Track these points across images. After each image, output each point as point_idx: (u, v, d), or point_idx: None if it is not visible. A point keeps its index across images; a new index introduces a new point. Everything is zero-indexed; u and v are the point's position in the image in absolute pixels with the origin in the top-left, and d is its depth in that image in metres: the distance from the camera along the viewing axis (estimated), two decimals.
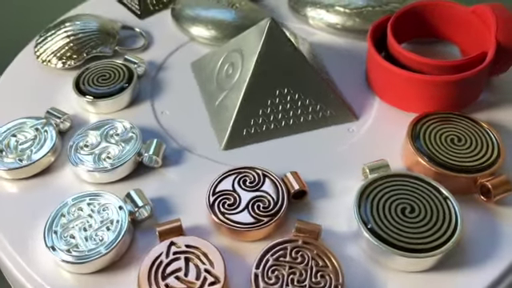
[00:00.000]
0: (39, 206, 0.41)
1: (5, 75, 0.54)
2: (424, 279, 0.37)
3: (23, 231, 0.40)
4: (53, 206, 0.40)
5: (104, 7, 0.61)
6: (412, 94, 0.47)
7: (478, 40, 0.48)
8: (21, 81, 0.53)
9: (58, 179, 0.44)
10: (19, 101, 0.51)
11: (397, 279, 0.36)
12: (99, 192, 0.40)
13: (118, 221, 0.38)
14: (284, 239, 0.36)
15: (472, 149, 0.41)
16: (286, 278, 0.34)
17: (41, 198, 0.42)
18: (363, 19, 0.55)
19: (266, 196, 0.39)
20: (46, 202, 0.41)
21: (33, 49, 0.54)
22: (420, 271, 0.37)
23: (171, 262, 0.36)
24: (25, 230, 0.40)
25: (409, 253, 0.35)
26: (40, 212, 0.41)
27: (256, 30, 0.46)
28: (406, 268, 0.37)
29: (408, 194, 0.38)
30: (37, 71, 0.53)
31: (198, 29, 0.55)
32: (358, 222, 0.37)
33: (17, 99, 0.51)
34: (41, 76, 0.53)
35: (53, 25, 0.56)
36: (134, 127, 0.45)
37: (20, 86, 0.52)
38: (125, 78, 0.49)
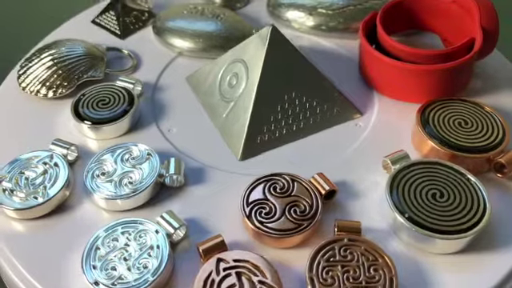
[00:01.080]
0: (65, 244, 0.40)
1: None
2: (457, 260, 0.38)
3: (54, 272, 0.38)
4: (79, 241, 0.39)
5: (79, 31, 0.59)
6: (410, 85, 0.49)
7: (461, 28, 0.51)
8: (9, 115, 0.50)
9: (78, 212, 0.42)
10: (13, 136, 0.48)
11: (437, 262, 0.38)
12: (132, 219, 0.39)
13: (157, 246, 0.37)
14: (330, 239, 0.37)
15: (479, 130, 0.44)
16: (342, 277, 0.35)
17: (64, 234, 0.40)
18: (346, 18, 0.57)
19: (300, 200, 0.40)
20: (71, 238, 0.40)
21: (16, 80, 0.52)
22: (452, 253, 0.39)
23: (223, 279, 0.35)
24: (56, 270, 0.38)
25: (449, 235, 0.37)
26: (67, 249, 0.39)
27: (257, 38, 0.47)
28: (443, 250, 0.38)
29: (434, 180, 0.40)
30: (25, 103, 0.51)
31: (185, 42, 0.55)
32: (396, 213, 0.38)
33: (10, 135, 0.48)
34: (30, 107, 0.50)
35: (32, 53, 0.53)
36: (149, 148, 0.44)
37: (10, 120, 0.49)
38: (125, 100, 0.48)
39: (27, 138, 0.47)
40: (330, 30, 0.57)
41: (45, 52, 0.52)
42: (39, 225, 0.41)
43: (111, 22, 0.59)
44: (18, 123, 0.49)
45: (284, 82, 0.46)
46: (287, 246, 0.39)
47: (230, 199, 0.42)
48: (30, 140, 0.47)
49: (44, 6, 0.87)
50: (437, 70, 0.47)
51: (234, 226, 0.40)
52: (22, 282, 0.38)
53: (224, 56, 0.50)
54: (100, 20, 0.59)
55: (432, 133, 0.44)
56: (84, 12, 0.62)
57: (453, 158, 0.43)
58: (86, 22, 0.60)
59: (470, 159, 0.42)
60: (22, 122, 0.49)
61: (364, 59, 0.51)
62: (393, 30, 0.54)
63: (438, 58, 0.48)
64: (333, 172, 0.43)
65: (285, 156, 0.46)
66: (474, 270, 0.38)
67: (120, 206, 0.41)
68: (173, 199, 0.43)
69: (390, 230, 0.40)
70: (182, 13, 0.57)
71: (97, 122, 0.46)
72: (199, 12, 0.57)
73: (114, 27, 0.58)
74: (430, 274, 0.37)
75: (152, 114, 0.49)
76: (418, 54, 0.48)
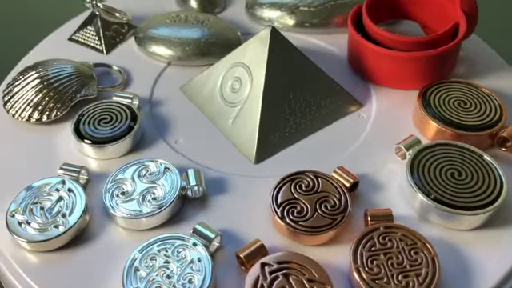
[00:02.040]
0: (96, 270, 0.38)
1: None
2: (482, 235, 0.40)
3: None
4: (110, 265, 0.38)
5: (57, 50, 0.56)
6: (403, 72, 0.50)
7: (442, 15, 0.53)
8: (3, 145, 0.47)
9: (101, 237, 0.40)
10: (13, 166, 0.45)
11: (465, 238, 0.40)
12: (166, 235, 0.38)
13: (198, 259, 0.36)
14: (367, 230, 0.38)
15: (478, 109, 0.46)
16: (386, 264, 0.36)
17: (92, 261, 0.39)
18: (328, 14, 0.58)
19: (328, 195, 0.40)
20: (100, 264, 0.38)
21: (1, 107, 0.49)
22: (474, 228, 0.40)
23: (272, 282, 0.35)
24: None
25: (474, 211, 0.39)
26: (99, 276, 0.38)
27: (257, 40, 0.47)
28: (468, 226, 0.40)
29: (450, 160, 0.42)
30: (17, 130, 0.48)
31: (174, 51, 0.54)
32: (422, 196, 0.40)
33: (9, 165, 0.45)
34: (25, 134, 0.48)
35: (14, 77, 0.51)
36: (165, 162, 0.43)
37: (5, 150, 0.47)
38: (127, 116, 0.46)
39: (29, 166, 0.45)
40: (313, 27, 0.58)
41: (30, 74, 0.50)
42: (63, 255, 0.39)
43: (91, 38, 0.57)
44: (15, 152, 0.46)
45: (288, 80, 0.47)
46: (322, 242, 0.39)
47: (254, 203, 0.42)
48: (32, 168, 0.45)
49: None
50: (428, 56, 0.49)
51: (263, 228, 0.40)
52: None
53: (221, 62, 0.49)
54: (78, 37, 0.57)
55: (435, 115, 0.46)
56: (56, 32, 0.59)
57: (457, 137, 0.45)
58: (62, 41, 0.58)
59: (473, 137, 0.44)
60: (19, 151, 0.47)
61: (355, 50, 0.52)
62: (377, 20, 0.56)
63: (425, 45, 0.50)
64: (348, 164, 0.43)
65: (297, 154, 0.46)
66: (500, 242, 0.40)
67: (145, 224, 0.40)
68: (196, 210, 0.42)
69: (415, 213, 0.41)
70: (165, 21, 0.56)
71: (102, 142, 0.45)
72: (182, 20, 0.56)
73: (94, 43, 0.56)
74: (461, 250, 0.39)
75: (154, 128, 0.48)
76: (407, 41, 0.50)
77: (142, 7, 0.61)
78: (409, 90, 0.50)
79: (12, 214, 0.40)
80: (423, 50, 0.49)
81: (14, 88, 0.49)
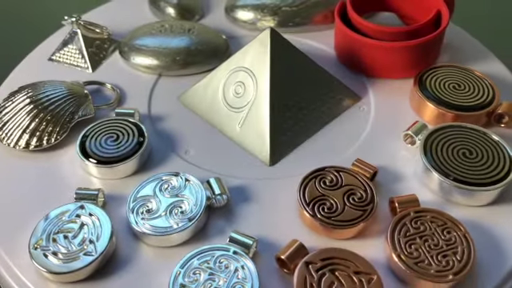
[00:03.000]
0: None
1: None
2: (492, 210, 0.42)
3: None
4: (149, 285, 0.37)
5: (39, 71, 0.54)
6: (394, 62, 0.52)
7: (423, 5, 0.55)
8: (6, 175, 0.45)
9: (132, 258, 0.39)
10: (21, 197, 0.43)
11: (482, 213, 0.42)
12: (204, 248, 0.37)
13: (242, 266, 0.36)
14: (399, 217, 0.39)
15: (472, 90, 0.48)
16: (424, 247, 0.37)
17: (130, 285, 0.37)
18: (309, 11, 0.59)
19: (354, 188, 0.41)
20: (138, 286, 0.37)
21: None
22: (484, 205, 0.42)
23: (320, 280, 0.35)
24: None
25: (491, 186, 0.41)
26: None
27: (257, 43, 0.47)
28: (486, 201, 0.42)
29: (459, 140, 0.44)
30: (13, 159, 0.46)
31: (165, 62, 0.53)
32: (442, 178, 0.41)
33: (17, 197, 0.43)
34: (22, 162, 0.45)
35: (0, 104, 0.48)
36: (185, 174, 0.42)
37: (10, 181, 0.44)
38: (134, 132, 0.45)
39: (37, 195, 0.43)
40: (296, 26, 0.59)
41: (19, 99, 0.47)
42: (96, 284, 0.37)
43: (73, 57, 0.54)
44: (18, 183, 0.44)
45: (291, 79, 0.47)
46: (355, 235, 0.40)
47: (276, 204, 0.42)
48: (41, 197, 0.43)
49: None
50: (418, 44, 0.50)
51: (291, 228, 0.40)
52: None
53: (219, 69, 0.49)
54: (59, 57, 0.55)
55: (433, 98, 0.48)
56: (33, 53, 0.57)
57: (456, 118, 0.47)
58: (41, 61, 0.55)
59: (471, 117, 0.47)
60: (22, 181, 0.44)
61: (345, 44, 0.53)
62: (360, 13, 0.57)
63: (410, 34, 0.52)
64: (360, 156, 0.44)
65: (309, 151, 0.47)
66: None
67: (176, 239, 0.39)
68: (222, 219, 0.41)
69: (434, 195, 0.42)
70: (151, 32, 0.55)
71: (112, 161, 0.43)
72: (168, 29, 0.55)
73: (77, 61, 0.54)
74: (483, 224, 0.41)
75: (160, 142, 0.47)
76: (394, 32, 0.51)
77: (118, 21, 0.59)
78: (401, 79, 0.52)
79: (35, 246, 0.38)
80: (408, 39, 0.51)
81: (3, 116, 0.47)
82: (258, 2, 0.59)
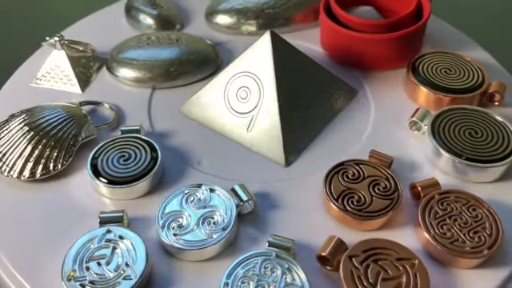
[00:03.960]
0: None
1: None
2: (498, 187, 0.44)
3: None
4: None
5: (25, 96, 0.51)
6: (382, 53, 0.53)
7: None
8: (20, 210, 0.42)
9: (170, 277, 0.38)
10: (35, 229, 0.41)
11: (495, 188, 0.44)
12: (245, 256, 0.37)
13: (288, 269, 0.36)
14: (425, 201, 0.40)
15: (463, 74, 0.51)
16: (455, 226, 0.39)
17: None
18: (291, 12, 0.59)
19: (377, 179, 0.42)
20: None
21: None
22: (492, 181, 0.44)
23: (366, 271, 0.36)
24: None
25: (499, 162, 0.43)
26: None
27: (258, 46, 0.47)
28: (493, 178, 0.44)
29: (463, 122, 0.46)
30: (19, 190, 0.43)
31: (157, 74, 0.52)
32: (454, 158, 0.43)
33: (31, 229, 0.41)
34: (29, 192, 0.43)
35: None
36: (208, 184, 0.41)
37: (25, 215, 0.42)
38: (146, 148, 0.44)
39: (54, 226, 0.41)
40: (279, 27, 0.59)
41: (15, 126, 0.45)
42: None
43: (60, 78, 0.52)
44: (31, 216, 0.42)
45: (295, 79, 0.47)
46: (383, 224, 0.41)
47: (301, 204, 0.43)
48: (59, 227, 0.41)
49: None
50: (405, 34, 0.52)
51: (321, 224, 0.41)
52: None
53: (221, 75, 0.48)
54: (44, 80, 0.52)
55: (429, 84, 0.49)
56: (13, 77, 0.54)
57: (452, 101, 0.49)
58: (24, 87, 0.53)
59: (467, 99, 0.49)
60: (34, 213, 0.42)
61: (333, 39, 0.54)
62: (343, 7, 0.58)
63: (393, 26, 0.53)
64: (370, 148, 0.46)
65: (321, 148, 0.47)
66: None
67: (212, 251, 0.38)
68: (251, 224, 0.41)
69: (448, 176, 0.44)
70: (138, 45, 0.54)
71: (129, 181, 0.42)
72: (155, 41, 0.54)
73: (65, 82, 0.52)
74: (497, 199, 0.43)
75: (170, 155, 0.46)
76: (380, 24, 0.53)
77: (96, 37, 0.58)
78: (389, 70, 0.54)
79: (69, 278, 0.36)
80: (393, 30, 0.53)
81: (1, 147, 0.44)
82: (241, 6, 0.59)
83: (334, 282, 0.37)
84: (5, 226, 0.41)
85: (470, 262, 0.38)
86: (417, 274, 0.36)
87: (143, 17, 0.59)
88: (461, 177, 0.44)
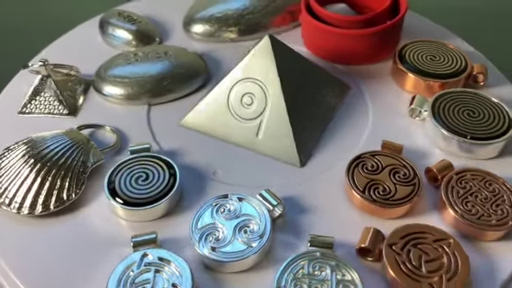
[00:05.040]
0: None
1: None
2: (496, 163, 0.47)
3: None
4: None
5: (13, 127, 0.49)
6: (364, 48, 0.55)
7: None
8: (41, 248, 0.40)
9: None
10: (63, 265, 0.39)
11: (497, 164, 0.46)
12: (290, 259, 0.37)
13: (337, 265, 0.37)
14: (446, 181, 0.42)
15: (447, 60, 0.53)
16: (477, 202, 0.41)
17: None
18: (271, 15, 0.60)
19: (395, 167, 0.43)
20: None
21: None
22: (493, 157, 0.47)
23: (408, 255, 0.37)
24: None
25: (498, 138, 0.46)
26: None
27: (258, 52, 0.47)
28: (492, 154, 0.47)
29: (460, 103, 0.48)
30: (34, 227, 0.41)
31: (151, 90, 0.51)
32: (459, 139, 0.45)
33: (59, 266, 0.39)
34: (45, 227, 0.41)
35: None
36: (236, 193, 0.41)
37: (40, 251, 0.39)
38: (162, 166, 0.43)
39: (80, 257, 0.39)
40: (259, 32, 0.60)
41: (18, 160, 0.42)
42: None
43: (50, 104, 0.50)
44: (53, 250, 0.40)
45: (297, 80, 0.48)
46: (411, 209, 0.42)
47: (325, 201, 0.43)
48: (86, 257, 0.39)
49: None
50: (384, 29, 0.54)
51: (349, 218, 0.42)
52: None
53: (222, 83, 0.48)
54: (31, 108, 0.50)
55: (418, 72, 0.52)
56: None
57: (442, 86, 0.51)
58: (10, 117, 0.50)
59: (454, 83, 0.52)
60: (55, 248, 0.40)
61: (317, 38, 0.56)
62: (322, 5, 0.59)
63: (369, 21, 0.55)
64: (375, 139, 0.47)
65: (329, 145, 0.48)
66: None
67: (254, 259, 0.38)
68: (281, 228, 0.41)
69: (454, 156, 0.46)
70: (126, 62, 0.52)
71: (152, 201, 0.41)
72: (143, 56, 0.53)
73: (56, 108, 0.50)
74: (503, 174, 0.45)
75: (184, 171, 0.45)
76: (358, 20, 0.55)
77: (75, 57, 0.55)
78: (373, 63, 0.56)
79: None
80: (371, 25, 0.55)
81: (5, 184, 0.42)
82: (221, 14, 0.59)
83: (376, 272, 0.38)
84: (28, 267, 0.39)
85: (496, 235, 0.40)
86: (454, 252, 0.38)
87: (121, 32, 0.57)
88: (467, 155, 0.46)
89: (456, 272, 0.36)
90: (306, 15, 0.56)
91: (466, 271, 0.36)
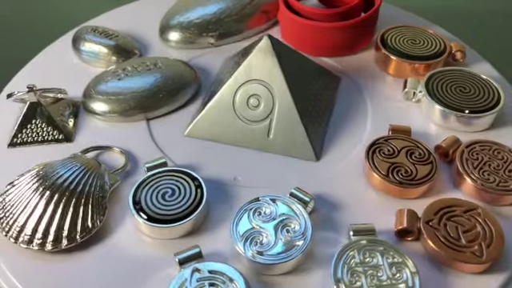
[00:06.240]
0: None
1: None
2: (489, 134, 0.49)
3: None
4: None
5: (7, 161, 0.45)
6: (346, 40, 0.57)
7: None
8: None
9: None
10: None
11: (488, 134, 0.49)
12: (338, 253, 0.37)
13: (385, 249, 0.37)
14: (459, 155, 0.44)
15: (426, 43, 0.56)
16: (492, 170, 0.43)
17: None
18: (247, 17, 0.60)
19: (410, 148, 0.45)
20: None
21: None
22: (483, 130, 0.49)
23: (446, 229, 0.39)
24: None
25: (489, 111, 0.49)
26: None
27: (259, 53, 0.46)
28: (484, 127, 0.49)
29: (452, 81, 0.51)
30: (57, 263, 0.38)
31: (149, 104, 0.49)
32: (459, 114, 0.48)
33: None
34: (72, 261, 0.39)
35: (5, 210, 0.39)
36: (269, 194, 0.41)
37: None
38: (185, 178, 0.42)
39: (124, 284, 0.37)
40: (238, 34, 0.60)
41: (31, 194, 0.40)
42: None
43: (44, 132, 0.47)
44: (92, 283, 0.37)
45: (298, 76, 0.48)
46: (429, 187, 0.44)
47: (348, 190, 0.44)
48: (129, 282, 0.37)
49: None
50: (363, 20, 0.56)
51: (375, 203, 0.43)
52: None
53: (225, 88, 0.47)
54: (23, 138, 0.46)
55: (401, 55, 0.54)
56: None
57: (426, 67, 0.54)
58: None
59: (437, 63, 0.54)
60: (93, 280, 0.37)
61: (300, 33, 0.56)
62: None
63: (345, 14, 0.57)
64: (379, 124, 0.49)
65: (337, 136, 0.49)
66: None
67: (302, 257, 0.38)
68: (318, 224, 0.42)
69: (454, 131, 0.49)
70: (117, 79, 0.50)
71: (184, 216, 0.40)
72: (133, 70, 0.51)
73: (50, 135, 0.47)
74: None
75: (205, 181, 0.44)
76: (333, 13, 0.56)
77: (52, 78, 0.53)
78: (356, 53, 0.58)
79: None
80: (348, 17, 0.56)
81: (19, 220, 0.39)
82: (199, 20, 0.58)
83: (417, 250, 0.40)
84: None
85: (510, 198, 0.42)
86: (485, 219, 0.40)
87: (99, 48, 0.55)
88: (464, 129, 0.49)
89: (492, 238, 0.39)
90: (287, 12, 0.56)
91: (501, 236, 0.39)
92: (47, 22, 0.82)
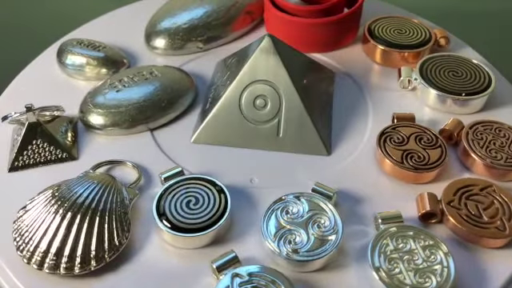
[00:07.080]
0: None
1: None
2: (483, 115, 0.51)
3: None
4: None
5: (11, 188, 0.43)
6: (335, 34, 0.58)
7: None
8: None
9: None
10: None
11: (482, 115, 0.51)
12: (372, 243, 0.38)
13: (417, 234, 0.38)
14: (464, 136, 0.46)
15: (412, 33, 0.57)
16: (497, 148, 0.45)
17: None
18: (232, 19, 0.59)
19: (418, 134, 0.46)
20: None
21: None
22: (475, 112, 0.51)
23: (467, 208, 0.40)
24: None
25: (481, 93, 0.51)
26: None
27: (262, 53, 0.46)
28: (477, 108, 0.51)
29: (444, 66, 0.52)
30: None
31: (151, 113, 0.48)
32: (456, 97, 0.49)
33: None
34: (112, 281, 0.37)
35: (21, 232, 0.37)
36: (295, 193, 0.41)
37: None
38: (208, 187, 0.41)
39: None
40: (226, 37, 0.59)
41: (49, 217, 0.38)
42: None
43: (46, 152, 0.45)
44: None
45: (300, 72, 0.49)
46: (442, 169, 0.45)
47: (367, 178, 0.45)
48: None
49: None
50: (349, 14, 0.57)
51: (392, 189, 0.44)
52: None
53: (227, 94, 0.47)
54: (25, 161, 0.44)
55: (389, 45, 0.55)
56: None
57: (415, 55, 0.56)
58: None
59: (425, 51, 0.56)
60: None
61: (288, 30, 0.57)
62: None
63: (329, 10, 0.58)
64: (380, 114, 0.50)
65: (342, 130, 0.49)
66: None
67: (336, 252, 0.38)
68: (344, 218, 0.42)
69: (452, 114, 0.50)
70: (115, 91, 0.49)
71: (212, 223, 0.39)
72: (129, 81, 0.50)
73: (53, 155, 0.45)
74: None
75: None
76: (318, 9, 0.57)
77: (40, 95, 0.51)
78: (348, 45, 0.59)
79: None
80: (333, 13, 0.57)
81: (36, 245, 0.37)
82: (187, 25, 0.57)
83: (441, 231, 0.41)
84: None
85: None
86: (501, 195, 0.41)
87: (88, 61, 0.53)
88: (459, 111, 0.50)
89: (511, 212, 0.40)
90: (275, 10, 0.56)
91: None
92: (46, 24, 0.79)
